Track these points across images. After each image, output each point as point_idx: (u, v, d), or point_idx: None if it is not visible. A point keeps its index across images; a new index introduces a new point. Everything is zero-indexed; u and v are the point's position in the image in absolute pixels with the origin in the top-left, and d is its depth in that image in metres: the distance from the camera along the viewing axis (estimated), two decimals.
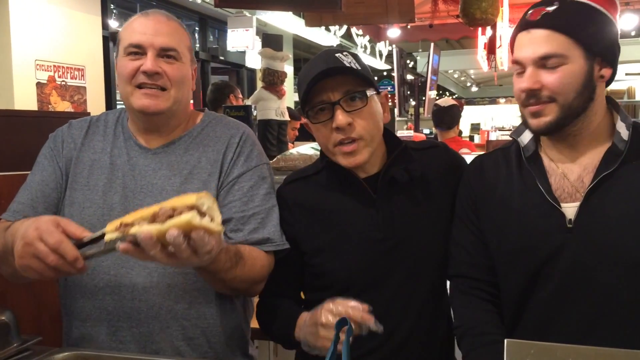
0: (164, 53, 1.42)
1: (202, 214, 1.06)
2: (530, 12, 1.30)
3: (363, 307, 1.21)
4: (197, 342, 1.43)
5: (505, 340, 0.85)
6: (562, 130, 1.30)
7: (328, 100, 1.36)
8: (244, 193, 1.45)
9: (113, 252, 1.12)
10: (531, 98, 1.28)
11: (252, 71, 8.79)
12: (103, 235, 1.12)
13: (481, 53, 5.43)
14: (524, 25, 1.30)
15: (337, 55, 1.37)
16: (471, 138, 10.79)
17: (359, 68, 1.38)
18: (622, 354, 0.80)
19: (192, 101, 1.61)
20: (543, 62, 1.26)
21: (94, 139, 1.52)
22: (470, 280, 1.42)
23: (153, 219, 1.05)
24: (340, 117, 1.34)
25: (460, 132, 9.55)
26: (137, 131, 1.51)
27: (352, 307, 1.22)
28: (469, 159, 3.35)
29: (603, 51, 1.28)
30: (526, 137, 1.39)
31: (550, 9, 1.27)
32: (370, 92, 1.38)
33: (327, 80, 1.35)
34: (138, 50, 1.41)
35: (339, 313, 1.22)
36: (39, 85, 5.05)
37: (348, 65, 1.36)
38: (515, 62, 1.31)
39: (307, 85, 1.35)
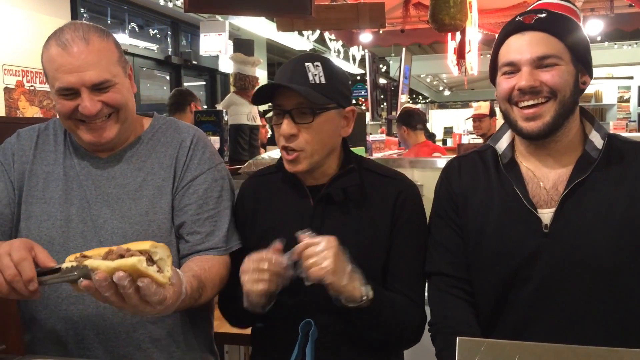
0: (97, 87, 1.36)
1: (152, 262, 1.08)
2: (520, 18, 1.35)
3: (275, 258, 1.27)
4: (164, 343, 1.44)
5: (457, 338, 0.88)
6: (547, 137, 1.34)
7: (282, 107, 1.42)
8: (199, 196, 1.47)
9: (68, 283, 1.13)
10: (527, 95, 1.32)
11: (227, 76, 8.76)
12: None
13: (451, 58, 5.50)
14: (516, 28, 1.35)
15: (306, 64, 1.41)
16: (444, 142, 10.90)
17: (322, 82, 1.41)
18: (566, 350, 0.83)
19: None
20: (540, 62, 1.31)
21: (45, 149, 1.50)
22: (449, 278, 1.45)
23: (106, 256, 1.07)
24: (284, 127, 1.41)
25: (434, 135, 9.68)
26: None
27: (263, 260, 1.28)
28: (441, 162, 3.40)
29: (584, 60, 1.36)
30: (503, 144, 1.43)
31: (542, 15, 1.34)
32: (324, 109, 1.41)
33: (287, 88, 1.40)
34: (70, 92, 1.35)
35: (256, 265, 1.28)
36: (7, 90, 4.97)
37: (311, 79, 1.40)
38: (508, 64, 1.35)
39: (269, 90, 1.43)
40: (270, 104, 1.47)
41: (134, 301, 1.08)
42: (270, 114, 1.48)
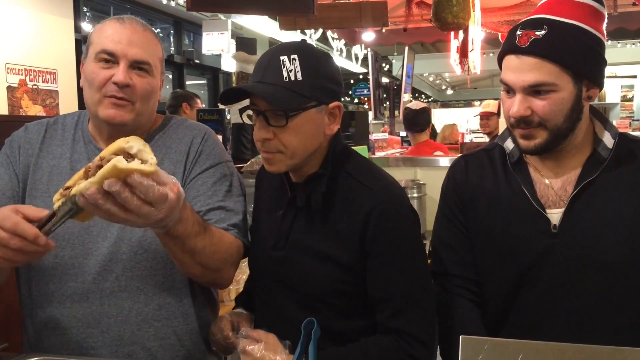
0: (137, 65, 1.40)
1: (132, 157, 1.04)
2: (518, 33, 1.28)
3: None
4: (169, 342, 1.43)
5: (461, 337, 0.87)
6: (543, 153, 1.33)
7: (257, 108, 1.28)
8: (208, 187, 1.46)
9: (71, 219, 1.11)
10: (521, 123, 1.30)
11: (229, 75, 8.77)
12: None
13: (454, 57, 5.50)
14: (512, 48, 1.29)
15: (282, 58, 1.26)
16: None
17: (299, 79, 1.25)
18: (570, 348, 0.83)
19: None
20: (533, 90, 1.27)
21: (52, 143, 1.49)
22: (455, 278, 1.44)
23: (86, 175, 1.04)
24: (256, 131, 1.29)
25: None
26: (99, 135, 1.49)
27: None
28: (443, 161, 3.37)
29: (590, 73, 1.29)
30: (511, 143, 1.41)
31: (540, 33, 1.26)
32: (300, 109, 1.26)
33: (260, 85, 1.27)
34: (110, 59, 1.38)
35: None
36: (10, 89, 4.97)
37: (285, 76, 1.25)
38: (504, 83, 1.32)
39: (242, 88, 1.30)
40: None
41: (136, 204, 1.04)
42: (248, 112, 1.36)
